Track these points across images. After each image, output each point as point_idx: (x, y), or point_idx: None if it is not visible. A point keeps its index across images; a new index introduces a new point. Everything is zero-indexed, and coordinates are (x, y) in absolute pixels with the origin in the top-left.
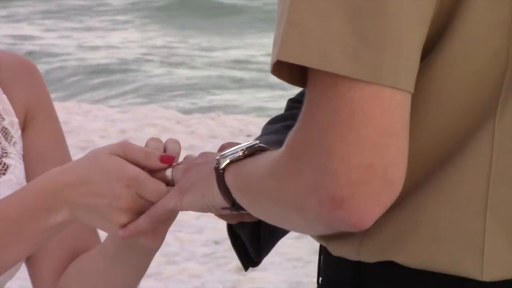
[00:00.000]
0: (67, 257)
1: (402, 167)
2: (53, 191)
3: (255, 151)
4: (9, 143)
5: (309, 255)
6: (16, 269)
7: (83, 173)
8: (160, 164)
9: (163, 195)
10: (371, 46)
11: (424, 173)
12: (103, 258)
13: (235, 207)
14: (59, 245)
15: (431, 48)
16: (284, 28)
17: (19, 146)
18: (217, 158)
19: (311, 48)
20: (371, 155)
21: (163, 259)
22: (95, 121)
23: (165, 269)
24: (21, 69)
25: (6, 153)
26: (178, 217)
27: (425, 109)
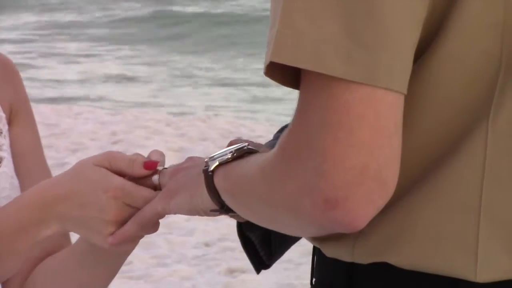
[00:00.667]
0: (37, 258)
1: (396, 168)
2: (42, 204)
3: (244, 153)
4: None
5: (300, 257)
6: None
7: (70, 186)
8: (144, 171)
9: (150, 201)
10: (364, 48)
11: (418, 174)
12: (73, 258)
13: (224, 209)
14: None
15: (424, 49)
16: (278, 30)
17: (7, 140)
18: (206, 160)
19: (305, 50)
20: (365, 156)
21: (153, 261)
22: (85, 123)
23: (155, 271)
24: (4, 67)
25: None
26: (168, 219)
27: (419, 110)
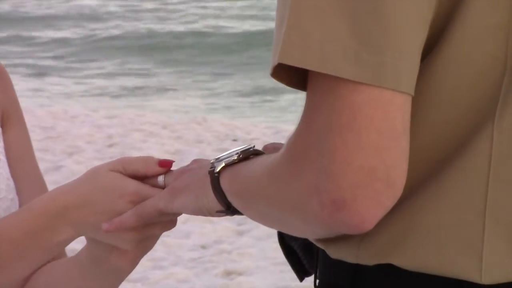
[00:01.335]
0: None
1: (403, 169)
2: (55, 213)
3: (250, 154)
4: None
5: None
6: None
7: (85, 193)
8: (159, 169)
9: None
10: (372, 49)
11: (423, 175)
12: (76, 268)
13: (230, 210)
14: None
15: (429, 50)
16: (285, 31)
17: (1, 143)
18: (212, 162)
19: (312, 51)
20: (372, 157)
21: (150, 264)
22: (81, 126)
23: (152, 274)
24: None
25: None
26: None
27: (424, 111)
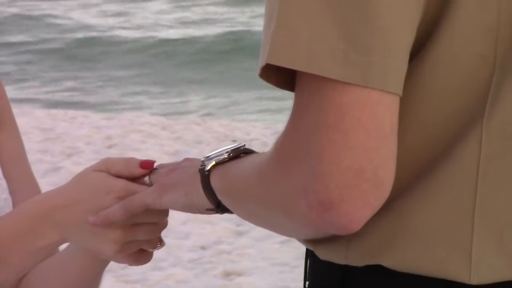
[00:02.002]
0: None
1: (391, 170)
2: (40, 215)
3: (240, 153)
4: None
5: (295, 260)
6: None
7: (72, 194)
8: (140, 170)
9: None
10: (359, 49)
11: (412, 176)
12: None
13: (220, 208)
14: None
15: (418, 51)
16: (273, 32)
17: None
18: (202, 160)
19: (300, 52)
20: (360, 158)
21: (149, 265)
22: (80, 127)
23: (151, 275)
24: None
25: None
26: None
27: (413, 111)
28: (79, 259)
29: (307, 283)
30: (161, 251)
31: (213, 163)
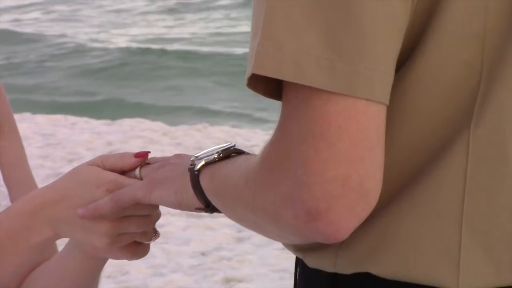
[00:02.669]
0: (27, 271)
1: (378, 179)
2: (32, 211)
3: (230, 153)
4: None
5: None
6: None
7: (63, 188)
8: (135, 160)
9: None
10: (345, 59)
11: (399, 184)
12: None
13: (209, 208)
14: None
15: (405, 60)
16: (259, 42)
17: None
18: (192, 159)
19: (286, 61)
20: (346, 167)
21: (150, 271)
22: (81, 133)
23: (151, 281)
24: None
25: None
26: (165, 229)
27: (399, 120)
28: (76, 260)
29: None
30: (162, 257)
31: (203, 163)
